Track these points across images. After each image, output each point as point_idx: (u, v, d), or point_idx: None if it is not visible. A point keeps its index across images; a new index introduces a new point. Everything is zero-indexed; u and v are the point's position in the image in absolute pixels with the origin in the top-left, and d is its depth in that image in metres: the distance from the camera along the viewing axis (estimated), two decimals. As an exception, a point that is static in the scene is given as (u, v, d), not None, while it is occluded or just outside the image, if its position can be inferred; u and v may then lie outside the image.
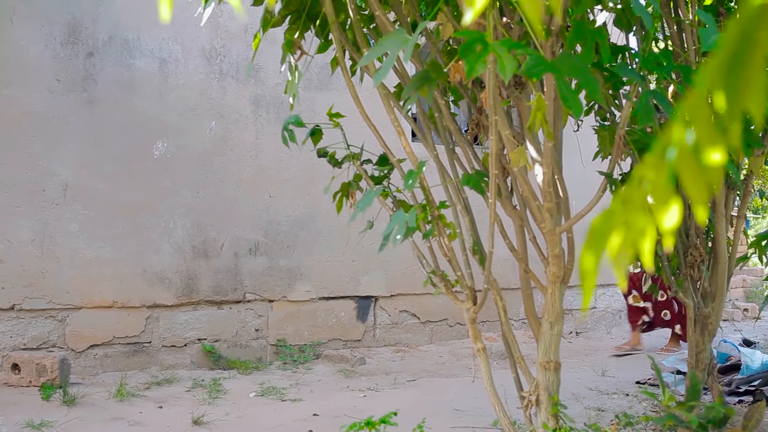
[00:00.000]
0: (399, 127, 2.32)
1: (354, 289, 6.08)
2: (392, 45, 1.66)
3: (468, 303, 2.40)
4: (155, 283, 5.34)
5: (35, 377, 4.55)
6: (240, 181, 5.66)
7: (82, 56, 5.21)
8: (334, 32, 2.36)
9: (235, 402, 4.41)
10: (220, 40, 5.68)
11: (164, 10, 0.96)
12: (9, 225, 4.92)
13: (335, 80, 5.83)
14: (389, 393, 4.67)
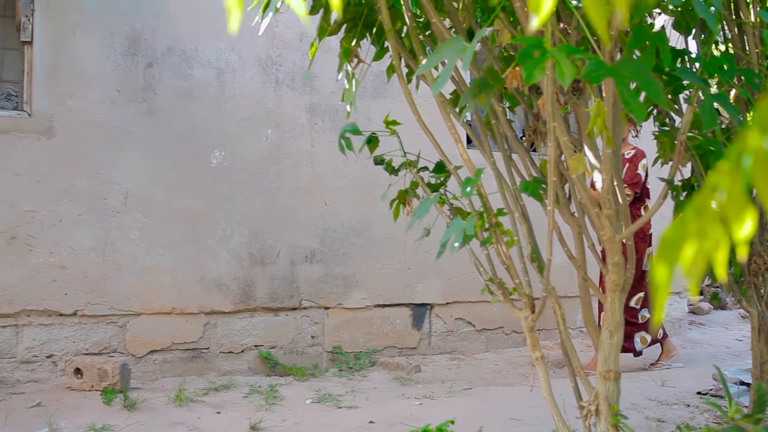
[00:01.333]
0: (456, 134, 2.31)
1: (409, 296, 6.07)
2: (450, 53, 1.65)
3: (526, 311, 2.38)
4: (213, 290, 5.41)
5: (97, 382, 4.64)
6: (296, 189, 5.71)
7: (141, 67, 5.31)
8: (391, 40, 2.37)
9: (291, 408, 4.43)
10: (275, 50, 5.74)
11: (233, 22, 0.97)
12: (72, 233, 5.04)
13: (390, 88, 5.84)
14: (445, 401, 4.65)
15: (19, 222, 4.92)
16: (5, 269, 4.86)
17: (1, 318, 4.86)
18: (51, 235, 4.99)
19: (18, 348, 4.91)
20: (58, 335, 5.01)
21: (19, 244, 4.91)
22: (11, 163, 4.91)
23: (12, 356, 4.89)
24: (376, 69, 3.74)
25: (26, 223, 4.93)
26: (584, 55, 1.76)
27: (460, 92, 2.71)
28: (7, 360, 4.88)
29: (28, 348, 4.93)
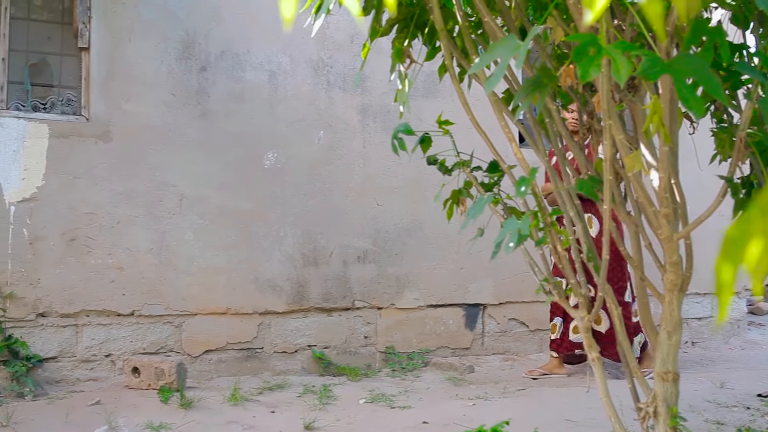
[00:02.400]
0: (509, 134, 2.30)
1: (462, 296, 6.05)
2: (503, 51, 1.64)
3: (582, 311, 2.35)
4: (267, 291, 5.46)
5: (154, 380, 4.71)
6: (348, 190, 5.73)
7: (195, 71, 5.39)
8: (443, 40, 2.36)
9: (345, 408, 4.45)
10: (326, 51, 5.77)
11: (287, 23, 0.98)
12: (129, 234, 5.13)
13: (441, 87, 5.83)
14: (499, 402, 4.62)
15: (79, 224, 5.02)
16: (65, 270, 4.97)
17: (62, 318, 4.97)
18: (109, 237, 5.09)
19: (78, 347, 5.02)
20: (116, 335, 5.11)
21: (78, 245, 5.01)
22: (70, 167, 5.02)
23: (72, 355, 5.00)
24: (427, 69, 3.73)
25: (85, 225, 5.04)
26: (640, 52, 1.73)
27: (513, 91, 2.69)
28: (67, 359, 4.99)
29: (88, 347, 5.04)
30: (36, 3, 5.32)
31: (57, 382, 4.92)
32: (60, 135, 5.02)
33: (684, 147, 2.66)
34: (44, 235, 4.94)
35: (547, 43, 2.65)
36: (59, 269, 4.96)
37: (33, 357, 4.82)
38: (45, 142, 4.97)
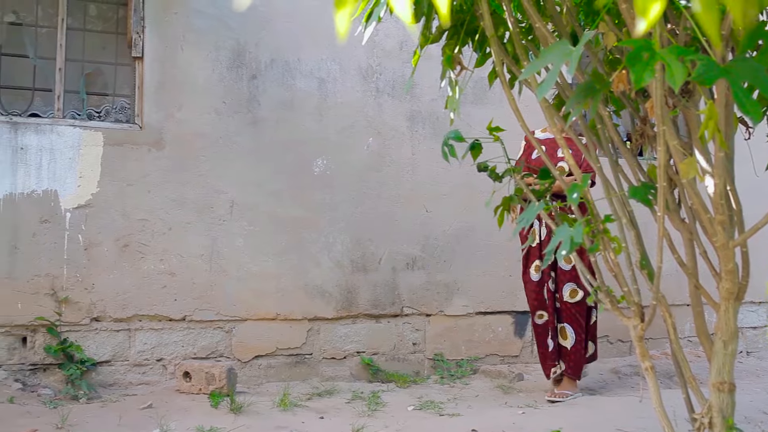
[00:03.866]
0: (561, 140, 2.28)
1: (511, 304, 6.01)
2: (555, 57, 1.63)
3: (635, 320, 2.32)
4: (316, 297, 5.49)
5: (204, 385, 4.76)
6: (397, 197, 5.74)
7: (246, 79, 5.45)
8: (494, 46, 2.35)
9: (393, 415, 4.44)
10: (376, 59, 5.79)
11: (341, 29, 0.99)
12: (181, 240, 5.20)
13: (490, 94, 5.81)
14: (548, 410, 4.57)
15: (132, 230, 5.11)
16: (119, 276, 5.06)
17: (115, 322, 5.05)
18: (161, 243, 5.16)
19: (130, 351, 5.10)
20: (167, 339, 5.18)
21: (131, 251, 5.10)
22: (124, 174, 5.11)
23: (125, 359, 5.08)
24: (476, 75, 3.73)
25: (138, 231, 5.12)
26: (695, 56, 1.70)
27: (564, 97, 2.67)
28: (120, 362, 5.07)
29: (140, 351, 5.11)
30: (91, 14, 5.43)
31: (110, 386, 5.00)
32: (114, 143, 5.11)
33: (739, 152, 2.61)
34: (98, 240, 5.04)
35: (599, 48, 2.62)
36: (113, 274, 5.05)
37: (87, 360, 4.91)
38: (100, 150, 5.07)
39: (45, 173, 4.94)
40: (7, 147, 4.88)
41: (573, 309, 4.95)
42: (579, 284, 4.94)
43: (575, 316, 4.96)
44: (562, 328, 5.00)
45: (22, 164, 4.91)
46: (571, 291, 4.95)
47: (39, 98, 5.25)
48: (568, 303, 4.94)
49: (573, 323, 4.96)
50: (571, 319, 4.96)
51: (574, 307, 4.95)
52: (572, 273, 4.95)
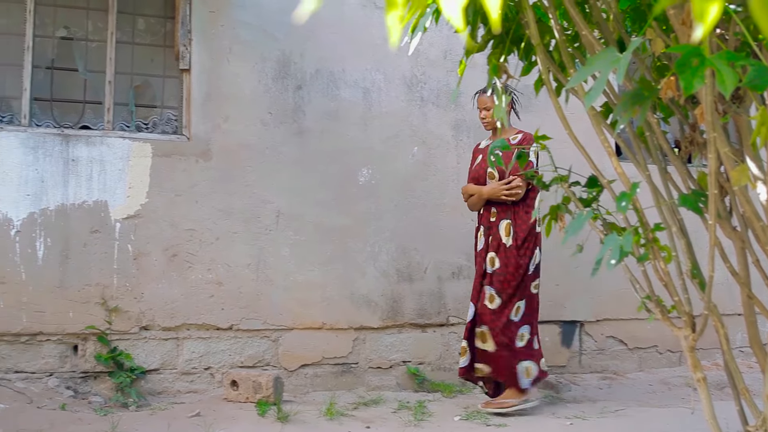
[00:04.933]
0: (609, 148, 2.25)
1: (558, 313, 5.96)
2: (603, 65, 1.61)
3: (686, 330, 2.28)
4: (362, 306, 5.50)
5: (252, 394, 4.80)
6: (442, 206, 5.73)
7: (291, 90, 5.49)
8: (540, 54, 2.34)
9: (440, 425, 4.42)
10: (420, 68, 5.80)
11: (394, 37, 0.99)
12: (228, 250, 5.25)
13: (535, 102, 5.76)
14: (597, 422, 4.52)
15: (180, 240, 5.17)
16: (167, 285, 5.12)
17: (164, 331, 5.11)
18: (209, 253, 5.22)
19: (179, 360, 5.15)
20: (215, 348, 5.22)
21: (179, 261, 5.16)
22: (172, 185, 5.18)
23: (173, 368, 5.14)
24: (521, 83, 3.71)
25: (186, 241, 5.18)
26: (746, 62, 1.68)
27: (611, 104, 2.64)
28: (168, 371, 5.13)
29: (188, 360, 5.17)
30: (140, 27, 5.53)
31: (159, 394, 5.06)
32: (162, 154, 5.18)
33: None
34: (147, 250, 5.11)
35: (646, 54, 2.59)
36: (161, 284, 5.12)
37: (136, 369, 4.98)
38: (148, 161, 5.15)
39: (95, 184, 5.03)
40: (59, 159, 4.98)
41: (491, 315, 4.71)
42: (498, 290, 4.73)
43: (495, 322, 4.69)
44: (481, 332, 4.75)
45: (73, 175, 5.00)
46: (490, 296, 4.75)
47: (90, 111, 5.35)
48: (487, 307, 4.72)
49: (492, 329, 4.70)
50: (491, 324, 4.70)
51: (492, 314, 4.71)
52: (495, 277, 4.76)
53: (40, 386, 4.79)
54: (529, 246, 4.77)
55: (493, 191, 4.83)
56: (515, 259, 4.73)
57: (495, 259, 4.79)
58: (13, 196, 4.88)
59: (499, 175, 4.83)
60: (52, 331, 4.90)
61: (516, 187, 4.74)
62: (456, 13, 1.01)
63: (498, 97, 2.47)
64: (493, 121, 4.86)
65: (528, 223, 4.74)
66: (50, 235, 4.93)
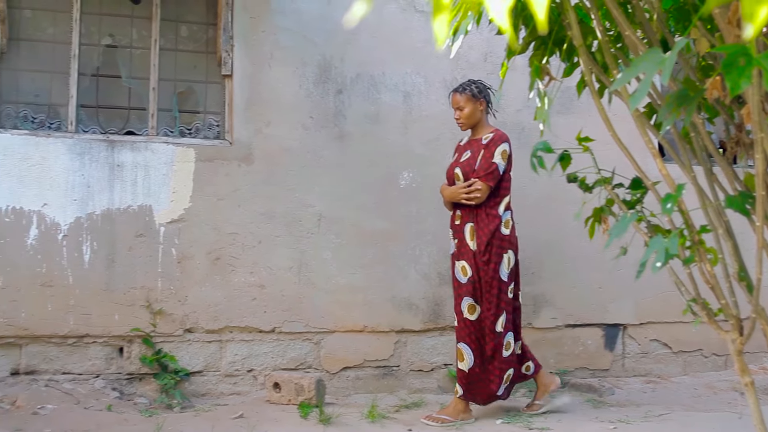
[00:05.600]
0: (653, 149, 2.23)
1: (601, 316, 5.90)
2: (648, 66, 1.60)
3: (734, 333, 2.25)
4: (403, 309, 5.50)
5: (294, 396, 4.83)
6: (483, 208, 5.70)
7: (332, 94, 5.52)
8: (582, 55, 2.33)
9: (482, 428, 4.41)
10: (460, 71, 5.79)
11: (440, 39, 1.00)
12: (270, 254, 5.29)
13: (577, 104, 5.74)
14: (641, 426, 4.47)
15: (223, 244, 5.23)
16: (210, 288, 5.18)
17: (207, 333, 5.17)
18: (251, 256, 5.26)
19: (222, 362, 5.21)
20: (257, 351, 5.27)
21: (222, 264, 5.21)
22: (215, 189, 5.24)
23: (216, 370, 5.19)
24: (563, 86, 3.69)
25: (229, 244, 5.24)
26: (795, 61, 1.65)
27: (655, 105, 2.62)
28: (212, 373, 5.18)
29: (231, 362, 5.22)
30: (183, 34, 5.60)
31: (202, 395, 5.11)
32: (205, 159, 5.24)
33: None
34: (191, 254, 5.17)
35: (690, 54, 2.57)
36: (205, 287, 5.18)
37: (181, 371, 5.04)
38: (192, 166, 5.21)
39: (140, 189, 5.11)
40: (104, 164, 5.07)
41: (472, 327, 4.54)
42: (477, 299, 4.55)
43: (474, 335, 4.52)
44: (458, 349, 4.59)
45: (118, 180, 5.08)
46: (469, 306, 4.56)
47: (134, 117, 5.43)
48: (468, 320, 4.54)
49: (470, 344, 4.52)
50: (468, 338, 4.53)
51: (474, 325, 4.54)
52: (468, 287, 4.57)
53: (87, 387, 4.87)
54: (494, 251, 4.56)
55: (452, 194, 4.70)
56: (484, 265, 4.53)
57: (466, 267, 4.60)
58: (60, 201, 4.98)
59: (464, 177, 4.69)
60: (99, 333, 4.98)
61: (475, 191, 4.57)
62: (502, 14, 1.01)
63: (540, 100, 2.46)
64: (468, 122, 4.76)
65: (490, 227, 4.57)
66: (96, 239, 5.01)
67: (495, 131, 4.74)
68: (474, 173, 4.64)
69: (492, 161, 4.61)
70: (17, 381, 4.82)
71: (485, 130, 4.78)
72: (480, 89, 4.78)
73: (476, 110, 4.75)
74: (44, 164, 4.98)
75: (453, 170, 4.80)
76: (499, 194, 4.66)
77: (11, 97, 5.22)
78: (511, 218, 4.72)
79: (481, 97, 4.76)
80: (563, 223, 5.76)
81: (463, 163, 4.74)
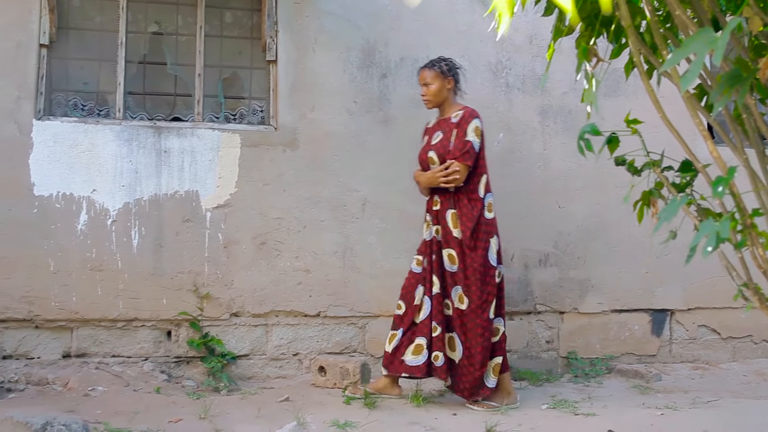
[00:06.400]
0: (704, 131, 2.19)
1: (648, 301, 5.83)
2: (699, 46, 1.57)
3: (786, 318, 2.21)
4: (447, 294, 5.49)
5: (339, 380, 4.86)
6: (528, 193, 5.67)
7: (376, 78, 5.52)
8: (631, 36, 2.29)
9: (526, 413, 4.40)
10: (505, 54, 5.74)
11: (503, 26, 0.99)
12: (315, 238, 5.32)
13: (624, 86, 5.67)
14: (689, 413, 4.41)
15: (269, 229, 5.26)
16: (256, 273, 5.22)
17: (253, 318, 5.22)
18: (296, 241, 5.29)
19: (268, 346, 5.25)
20: (303, 335, 5.30)
21: (268, 249, 5.25)
22: (260, 174, 5.27)
23: (263, 353, 5.24)
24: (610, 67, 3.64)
25: (274, 229, 5.27)
26: None
27: (706, 86, 2.57)
28: (258, 357, 5.23)
29: (277, 346, 5.26)
30: (227, 21, 5.63)
31: (249, 379, 5.17)
32: (251, 144, 5.28)
33: None
34: (237, 239, 5.21)
35: (742, 33, 2.51)
36: (251, 271, 5.22)
37: (227, 354, 5.10)
38: (237, 151, 5.25)
39: (187, 174, 5.16)
40: (151, 150, 5.13)
41: (463, 318, 4.45)
42: (466, 288, 4.45)
43: (465, 326, 4.44)
44: (450, 338, 4.51)
45: (165, 166, 5.14)
46: (459, 296, 4.48)
47: (180, 103, 5.48)
48: (459, 310, 4.46)
49: (461, 335, 4.46)
50: (460, 329, 4.46)
51: (465, 316, 4.45)
52: (458, 275, 4.48)
53: (136, 370, 4.95)
54: (481, 237, 4.46)
55: (429, 180, 4.58)
56: (471, 252, 4.43)
57: (453, 256, 4.49)
58: (109, 187, 5.05)
59: (439, 160, 4.57)
60: (147, 317, 5.06)
61: (453, 173, 4.46)
62: None
63: (588, 82, 2.43)
64: (434, 99, 4.66)
65: (473, 212, 4.46)
66: (144, 224, 5.08)
67: (464, 108, 4.62)
68: (449, 154, 4.51)
69: (466, 139, 4.49)
70: (69, 363, 4.92)
71: (453, 108, 4.67)
72: (450, 67, 4.70)
73: (443, 88, 4.66)
74: (93, 151, 5.06)
75: (426, 154, 4.68)
76: (477, 173, 4.54)
77: (61, 85, 5.30)
78: (492, 201, 4.61)
79: (450, 75, 4.67)
80: (609, 208, 5.71)
81: (436, 145, 4.62)
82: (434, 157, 4.60)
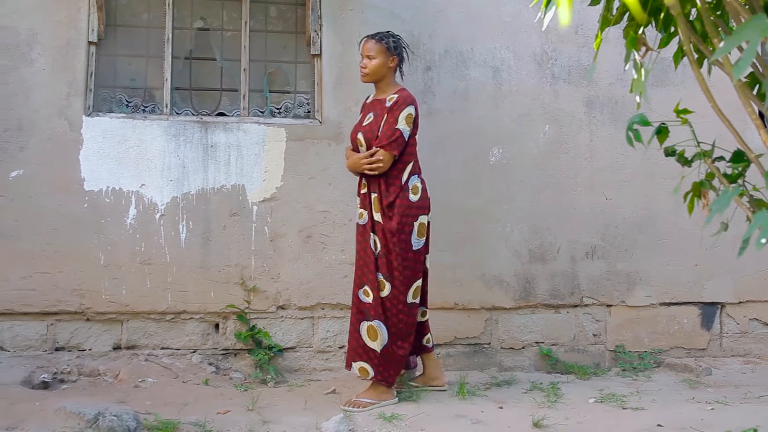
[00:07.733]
0: (757, 120, 2.15)
1: (697, 294, 5.74)
2: (752, 33, 1.54)
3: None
4: (493, 287, 5.47)
5: (385, 373, 4.86)
6: (575, 184, 5.62)
7: (420, 71, 5.51)
8: (680, 24, 2.25)
9: (574, 407, 4.36)
10: (550, 44, 5.69)
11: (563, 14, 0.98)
12: (360, 231, 5.32)
13: (672, 75, 5.58)
14: (740, 407, 4.34)
15: (314, 222, 5.29)
16: (302, 266, 5.25)
17: (300, 310, 5.25)
18: (342, 234, 5.31)
19: (314, 338, 5.29)
20: (348, 328, 5.32)
21: (314, 242, 5.28)
22: (306, 168, 5.30)
23: (309, 346, 5.28)
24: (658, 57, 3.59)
25: (320, 222, 5.29)
26: None
27: (758, 75, 2.52)
28: (304, 349, 5.27)
29: (323, 339, 5.29)
30: (272, 15, 5.66)
31: (295, 371, 5.21)
32: (296, 138, 5.30)
33: None
34: (283, 232, 5.25)
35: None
36: (297, 264, 5.26)
37: (274, 347, 5.14)
38: (282, 145, 5.28)
39: (233, 169, 5.21)
40: (198, 145, 5.18)
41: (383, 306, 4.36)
42: (386, 275, 4.36)
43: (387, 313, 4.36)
44: (370, 326, 4.37)
45: (212, 161, 5.19)
46: (380, 282, 4.38)
47: (225, 98, 5.53)
48: (379, 297, 4.36)
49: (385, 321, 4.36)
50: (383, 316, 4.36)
51: (387, 302, 4.36)
52: (381, 260, 4.38)
53: (185, 362, 5.02)
54: (401, 220, 4.37)
55: (354, 165, 4.49)
56: (392, 237, 4.35)
57: (377, 240, 4.42)
58: (157, 181, 5.12)
59: (366, 144, 4.48)
60: (195, 309, 5.12)
61: (377, 161, 4.36)
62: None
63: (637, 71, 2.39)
64: (372, 74, 4.53)
65: (391, 198, 4.37)
66: (192, 218, 5.14)
67: (400, 92, 4.48)
68: (377, 140, 4.42)
69: (396, 127, 4.37)
70: (119, 355, 5.01)
71: (390, 90, 4.55)
72: (396, 44, 4.58)
73: (385, 65, 4.52)
74: (141, 146, 5.13)
75: (356, 134, 4.59)
76: (403, 160, 4.44)
77: (108, 81, 5.38)
78: (419, 182, 4.52)
79: (395, 53, 4.55)
80: (657, 199, 5.64)
81: (365, 127, 4.51)
82: (362, 139, 4.52)
